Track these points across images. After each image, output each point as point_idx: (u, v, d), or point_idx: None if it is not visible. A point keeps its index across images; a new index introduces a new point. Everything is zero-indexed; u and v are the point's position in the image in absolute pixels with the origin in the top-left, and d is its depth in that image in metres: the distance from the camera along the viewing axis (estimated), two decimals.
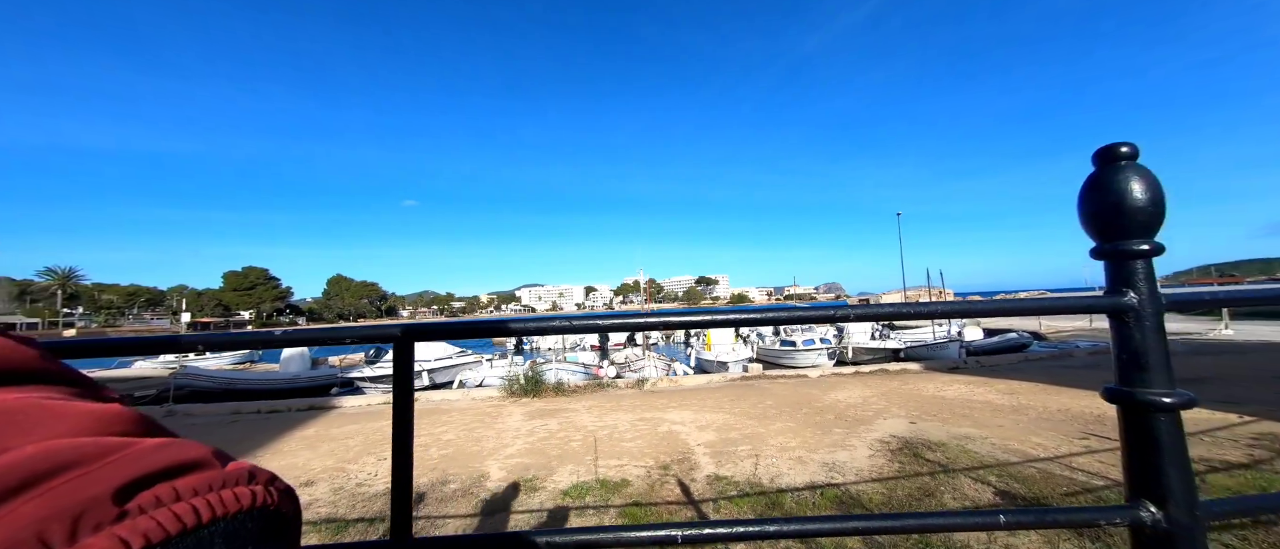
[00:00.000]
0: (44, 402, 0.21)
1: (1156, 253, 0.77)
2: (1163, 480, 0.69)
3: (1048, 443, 4.36)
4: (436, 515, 3.22)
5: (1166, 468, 0.70)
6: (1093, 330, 16.47)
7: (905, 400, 6.42)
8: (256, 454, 5.04)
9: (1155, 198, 0.74)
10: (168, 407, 8.57)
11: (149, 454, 0.20)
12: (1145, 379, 0.75)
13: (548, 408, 6.88)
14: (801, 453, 4.33)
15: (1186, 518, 0.68)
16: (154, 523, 0.18)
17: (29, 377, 0.22)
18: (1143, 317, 0.75)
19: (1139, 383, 0.75)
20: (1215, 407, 5.38)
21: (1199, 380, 6.88)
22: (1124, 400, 0.75)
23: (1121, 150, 0.76)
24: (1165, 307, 0.76)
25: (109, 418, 0.22)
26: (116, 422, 0.22)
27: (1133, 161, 0.76)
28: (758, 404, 6.53)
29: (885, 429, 5.01)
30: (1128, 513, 0.69)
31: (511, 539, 0.68)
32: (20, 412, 0.20)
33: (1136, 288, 0.76)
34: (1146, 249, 0.75)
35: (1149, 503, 0.69)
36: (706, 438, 4.91)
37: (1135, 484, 0.72)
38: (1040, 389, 6.82)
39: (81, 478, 0.18)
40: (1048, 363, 9.33)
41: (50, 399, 0.21)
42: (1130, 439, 0.74)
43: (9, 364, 0.22)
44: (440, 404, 7.72)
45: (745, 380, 8.83)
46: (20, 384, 0.22)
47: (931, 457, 4.06)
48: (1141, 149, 0.76)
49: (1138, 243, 0.75)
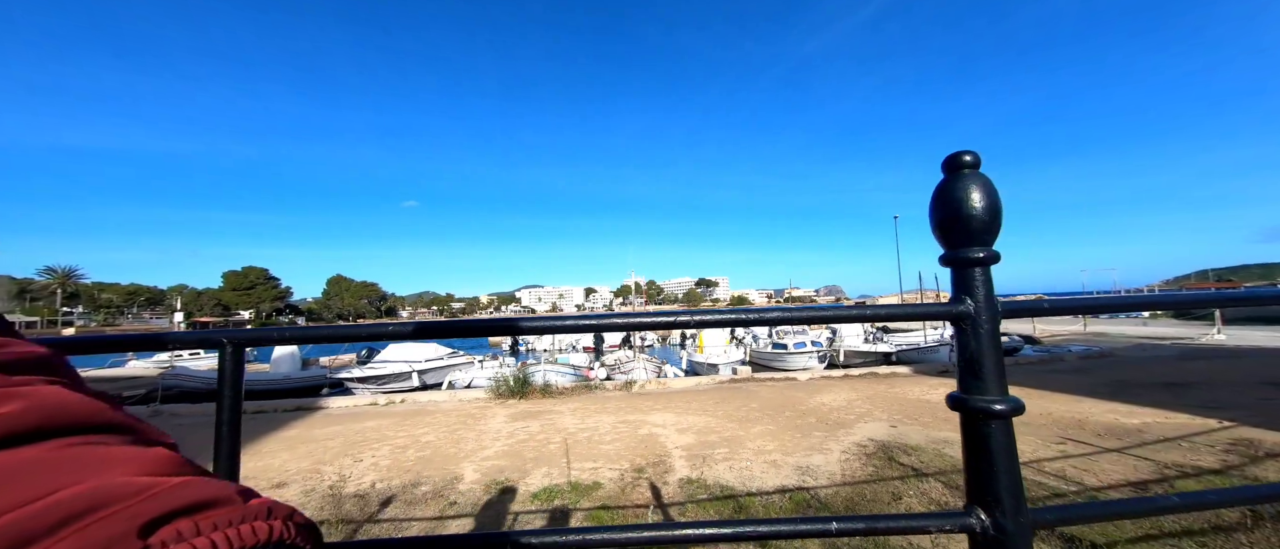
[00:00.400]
0: (101, 449, 0.23)
1: (992, 260, 0.76)
2: (994, 487, 0.69)
3: (1026, 448, 4.35)
4: (402, 517, 3.22)
5: (998, 474, 0.70)
6: (1086, 335, 16.48)
7: (890, 404, 6.41)
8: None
9: (992, 206, 0.74)
10: (154, 406, 8.58)
11: (174, 492, 0.22)
12: (980, 385, 0.74)
13: (532, 410, 6.87)
14: (777, 456, 4.33)
15: (1013, 525, 0.67)
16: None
17: (96, 428, 0.25)
18: (979, 323, 0.74)
19: (974, 390, 0.74)
20: (1196, 412, 5.38)
21: (1184, 385, 6.87)
22: (961, 406, 0.75)
23: (964, 158, 0.76)
24: (1001, 314, 0.76)
25: (155, 461, 0.24)
26: (162, 464, 0.24)
27: (974, 170, 0.76)
28: (742, 407, 6.52)
29: (865, 433, 5.00)
30: (959, 520, 0.69)
31: (459, 541, 0.68)
32: (80, 458, 0.22)
33: (974, 295, 0.75)
34: (983, 256, 0.75)
35: (980, 510, 0.69)
36: (685, 441, 4.90)
37: (970, 491, 0.72)
38: (1026, 394, 6.80)
39: (113, 515, 0.20)
40: (1035, 367, 9.32)
41: (107, 445, 0.24)
42: (967, 446, 0.74)
43: (79, 417, 0.24)
44: (427, 405, 7.72)
45: (733, 383, 8.82)
46: (85, 432, 0.24)
47: (905, 460, 4.06)
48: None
49: (975, 250, 0.75)
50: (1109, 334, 16.04)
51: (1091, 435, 4.67)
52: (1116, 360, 9.79)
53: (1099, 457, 4.03)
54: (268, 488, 3.95)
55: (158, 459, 0.24)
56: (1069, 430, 4.87)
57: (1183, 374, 7.78)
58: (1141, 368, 8.64)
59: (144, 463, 0.23)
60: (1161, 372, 8.08)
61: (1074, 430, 4.85)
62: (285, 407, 7.99)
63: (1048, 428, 4.98)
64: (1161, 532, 2.64)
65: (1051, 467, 3.82)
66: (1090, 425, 5.02)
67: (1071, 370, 8.72)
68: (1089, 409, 5.71)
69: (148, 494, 0.21)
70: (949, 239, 0.76)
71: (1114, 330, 17.21)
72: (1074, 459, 3.99)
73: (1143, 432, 4.75)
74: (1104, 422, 5.13)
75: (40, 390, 0.24)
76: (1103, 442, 4.44)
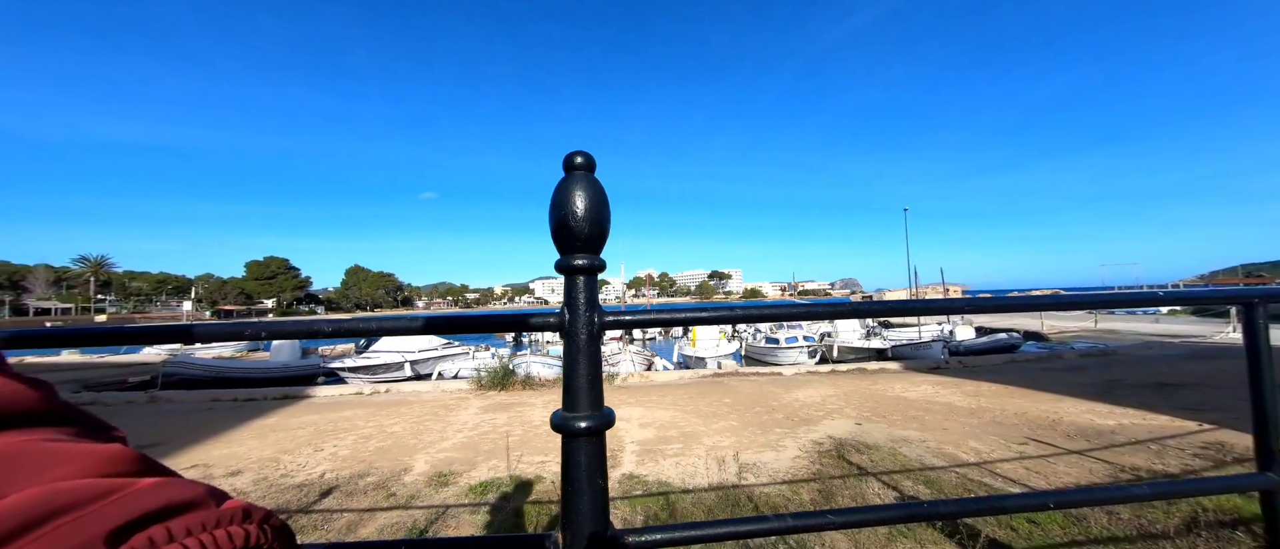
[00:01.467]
0: (47, 444, 0.21)
1: (596, 269, 0.73)
2: (577, 507, 0.65)
3: (985, 447, 4.25)
4: (336, 508, 3.27)
5: (581, 493, 0.66)
6: (1096, 332, 15.96)
7: (865, 401, 6.31)
8: (204, 443, 5.17)
9: (596, 212, 0.71)
10: (151, 393, 8.86)
11: (144, 495, 0.20)
12: (572, 400, 0.72)
13: (507, 401, 6.93)
14: (728, 453, 4.29)
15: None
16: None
17: (34, 418, 0.23)
18: (575, 335, 0.71)
19: (568, 405, 0.71)
20: (1181, 414, 5.19)
21: (1177, 386, 6.63)
22: (559, 423, 0.72)
23: (576, 161, 0.72)
24: (601, 326, 0.72)
25: (111, 458, 0.22)
26: (118, 462, 0.22)
27: (586, 173, 0.73)
28: (715, 402, 6.48)
29: (827, 430, 4.93)
30: (539, 543, 0.65)
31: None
32: (24, 455, 0.20)
33: (574, 303, 0.72)
34: (584, 264, 0.72)
35: (557, 535, 0.66)
36: (643, 436, 4.89)
37: (563, 511, 0.69)
38: (1009, 391, 6.64)
39: (76, 521, 0.18)
40: (1030, 365, 9.08)
41: (53, 441, 0.22)
42: (563, 463, 0.70)
43: (13, 406, 0.22)
44: (408, 396, 7.84)
45: (716, 377, 8.78)
46: (25, 426, 0.22)
47: (856, 459, 3.99)
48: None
49: (578, 257, 0.72)
50: (1119, 331, 15.51)
51: (1061, 436, 4.54)
52: (1116, 359, 9.48)
53: (1058, 458, 3.91)
54: (222, 476, 4.05)
55: (114, 456, 0.22)
56: (1039, 431, 4.73)
57: (1181, 375, 7.50)
58: (1139, 367, 8.36)
59: (99, 460, 0.22)
60: (1159, 372, 7.80)
61: (1044, 431, 4.72)
62: (273, 395, 8.19)
63: (1018, 428, 4.85)
64: (1089, 538, 2.56)
65: (1005, 469, 3.72)
66: (1063, 426, 4.87)
67: (1066, 369, 8.48)
68: (1068, 409, 5.54)
69: (113, 498, 0.20)
70: (559, 245, 0.73)
71: (1125, 327, 16.62)
72: (1030, 461, 3.87)
73: (1115, 433, 4.60)
74: (1079, 422, 4.98)
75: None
76: (1069, 443, 4.31)
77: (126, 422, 6.49)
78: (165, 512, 0.20)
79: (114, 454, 0.22)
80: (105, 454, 0.22)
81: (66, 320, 68.42)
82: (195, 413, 7.02)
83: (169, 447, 5.00)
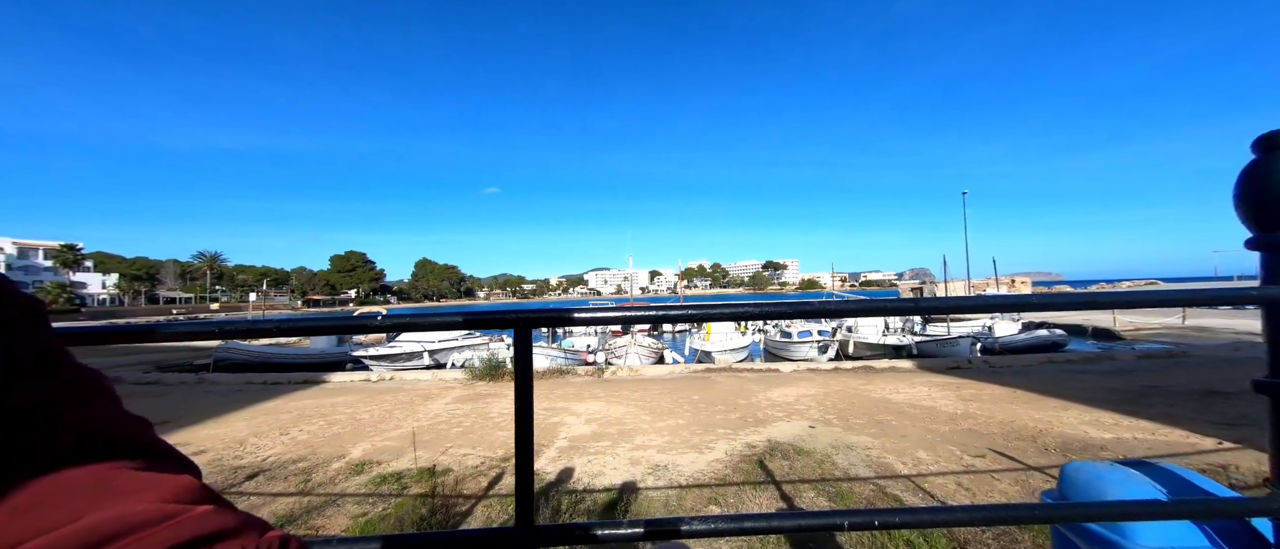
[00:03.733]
0: (131, 473, 0.25)
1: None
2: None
3: (931, 459, 3.85)
4: (252, 491, 3.54)
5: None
6: (1183, 328, 13.78)
7: (841, 402, 5.91)
8: (201, 423, 5.74)
9: None
10: (201, 375, 9.98)
11: (196, 522, 0.24)
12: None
13: (486, 392, 7.15)
14: (654, 452, 4.18)
15: None
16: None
17: (129, 449, 0.27)
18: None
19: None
20: (1203, 429, 4.47)
21: (1228, 395, 5.66)
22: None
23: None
24: None
25: (179, 488, 0.26)
26: (185, 492, 0.26)
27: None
28: (681, 399, 6.33)
29: (774, 432, 4.67)
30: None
31: None
32: (113, 480, 0.24)
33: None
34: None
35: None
36: (580, 432, 4.87)
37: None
38: (1012, 396, 5.97)
39: (135, 542, 0.22)
40: (1065, 366, 8.07)
41: (139, 469, 0.26)
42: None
43: (115, 436, 0.27)
44: (405, 384, 8.30)
45: (706, 373, 8.57)
46: (121, 456, 0.26)
47: (775, 465, 3.75)
48: None
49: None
50: (1212, 329, 13.29)
51: (1035, 450, 4.02)
52: (1183, 362, 8.20)
53: (1006, 475, 3.47)
54: (188, 454, 4.49)
55: (181, 487, 0.26)
56: (1012, 442, 4.22)
57: (1245, 382, 6.38)
58: (1201, 372, 7.19)
59: (169, 490, 0.25)
60: (1221, 378, 6.67)
61: (1017, 443, 4.20)
62: (296, 380, 8.96)
63: (990, 438, 4.35)
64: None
65: (934, 483, 3.35)
66: (1046, 438, 4.31)
67: (1106, 372, 7.46)
68: (1068, 418, 4.90)
69: (171, 522, 0.23)
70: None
71: (1221, 324, 14.22)
72: (972, 476, 3.46)
73: (1101, 449, 4.01)
74: (1067, 435, 4.38)
75: (90, 415, 0.27)
76: (1037, 457, 3.81)
77: (168, 399, 7.36)
78: (210, 538, 0.24)
79: (182, 485, 0.26)
80: (175, 484, 0.26)
81: (188, 308, 78.49)
82: (225, 394, 7.82)
83: (170, 426, 5.61)
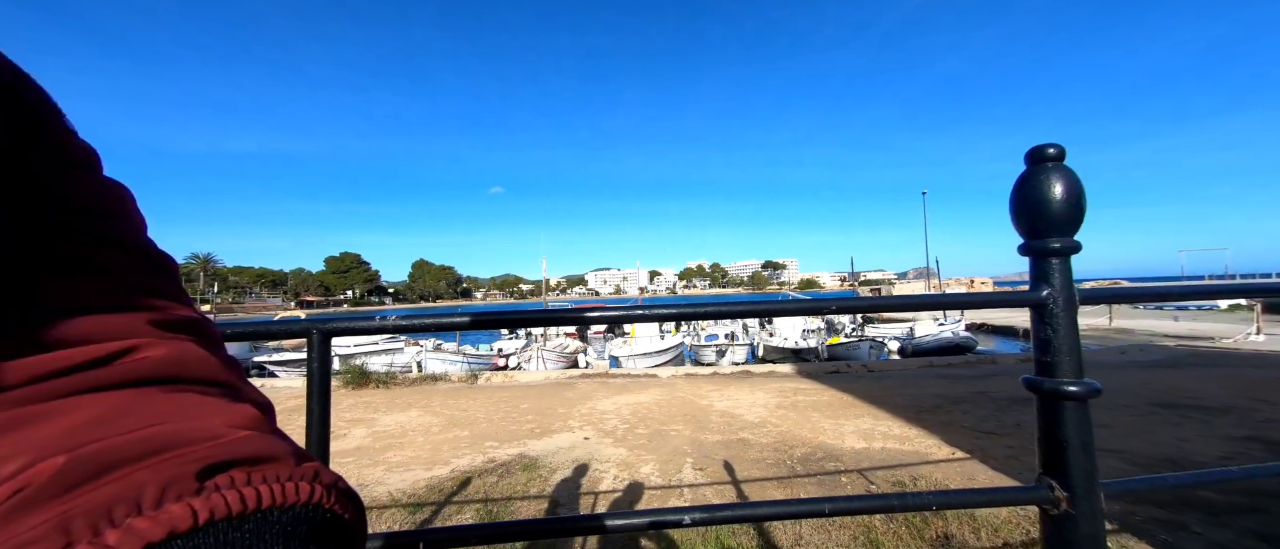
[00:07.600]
0: (198, 397, 0.27)
1: (1073, 250, 0.83)
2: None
3: (652, 471, 3.65)
4: None
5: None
6: (1106, 331, 13.36)
7: (659, 411, 5.70)
8: None
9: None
10: None
11: (239, 444, 0.24)
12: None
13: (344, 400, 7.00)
14: (385, 469, 4.02)
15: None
16: (221, 500, 0.22)
17: (208, 381, 0.28)
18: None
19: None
20: (982, 436, 4.23)
21: (962, 399, 5.41)
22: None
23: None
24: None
25: (237, 413, 0.27)
26: (241, 418, 0.27)
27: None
28: (506, 405, 6.16)
29: (541, 445, 4.50)
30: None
31: None
32: (189, 405, 0.26)
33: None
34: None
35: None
36: (345, 446, 4.72)
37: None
38: (845, 402, 5.73)
39: (180, 455, 0.22)
40: (940, 370, 7.82)
41: (205, 395, 0.27)
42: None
43: (199, 372, 0.28)
44: (273, 390, 8.15)
45: (576, 378, 8.38)
46: (200, 385, 0.27)
47: (480, 481, 3.58)
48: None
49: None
50: (1131, 331, 12.99)
51: (793, 462, 3.80)
52: None
53: (705, 490, 3.28)
54: None
55: (240, 414, 0.27)
56: (763, 453, 4.01)
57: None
58: None
59: (230, 415, 0.26)
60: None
61: (770, 454, 3.99)
62: None
63: (756, 448, 4.13)
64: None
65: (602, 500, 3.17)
66: (798, 449, 4.09)
67: (974, 375, 7.23)
68: (849, 428, 4.67)
69: (217, 441, 0.24)
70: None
71: (1140, 326, 13.92)
72: (664, 492, 3.27)
73: (834, 461, 3.80)
74: (825, 445, 4.18)
75: (180, 345, 0.28)
76: (754, 471, 3.61)
77: None
78: (251, 459, 0.24)
79: (243, 412, 0.27)
80: (236, 411, 0.27)
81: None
82: None
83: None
